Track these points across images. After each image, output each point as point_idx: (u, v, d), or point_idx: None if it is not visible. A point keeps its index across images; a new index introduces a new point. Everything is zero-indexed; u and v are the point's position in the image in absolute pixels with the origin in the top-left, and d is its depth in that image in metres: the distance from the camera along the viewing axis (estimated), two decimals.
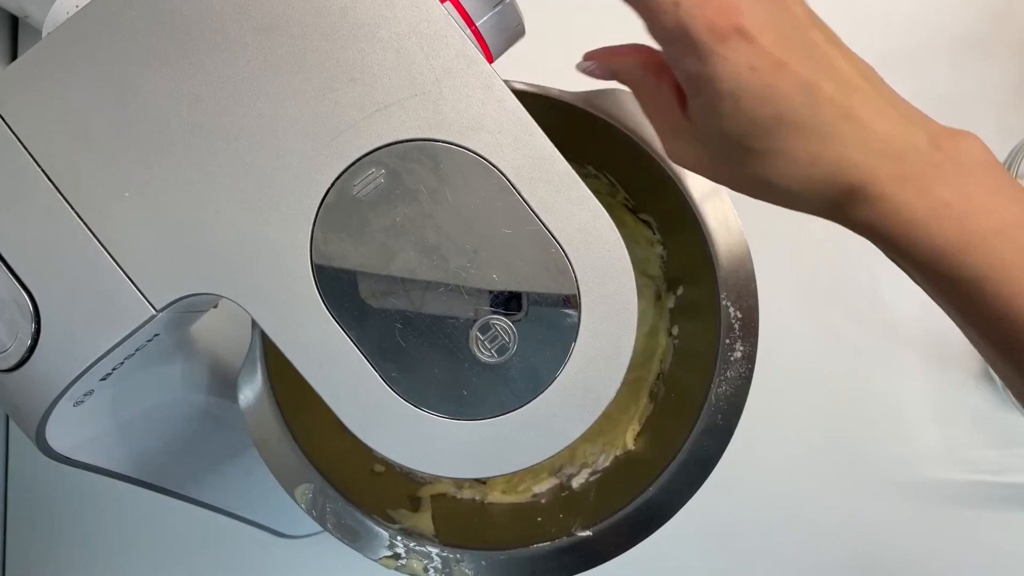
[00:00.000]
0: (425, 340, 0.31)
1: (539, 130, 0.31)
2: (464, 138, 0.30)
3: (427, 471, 0.31)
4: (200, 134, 0.30)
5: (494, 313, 0.30)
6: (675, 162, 0.33)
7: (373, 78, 0.30)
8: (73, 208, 0.30)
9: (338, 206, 0.30)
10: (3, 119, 0.30)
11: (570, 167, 0.31)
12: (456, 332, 0.31)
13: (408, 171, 0.30)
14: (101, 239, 0.30)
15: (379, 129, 0.30)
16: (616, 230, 0.31)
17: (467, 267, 0.30)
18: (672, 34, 0.28)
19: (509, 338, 0.31)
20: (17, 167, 0.30)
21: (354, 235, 0.30)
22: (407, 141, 0.30)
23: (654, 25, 0.29)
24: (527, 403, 0.31)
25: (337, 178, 0.30)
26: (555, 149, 0.31)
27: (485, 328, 0.30)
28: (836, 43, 0.30)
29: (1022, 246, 0.27)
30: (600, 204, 0.31)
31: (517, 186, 0.30)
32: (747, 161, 0.29)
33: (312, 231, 0.30)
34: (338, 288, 0.30)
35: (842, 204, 0.29)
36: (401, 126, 0.30)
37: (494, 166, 0.30)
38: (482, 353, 0.31)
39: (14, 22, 0.65)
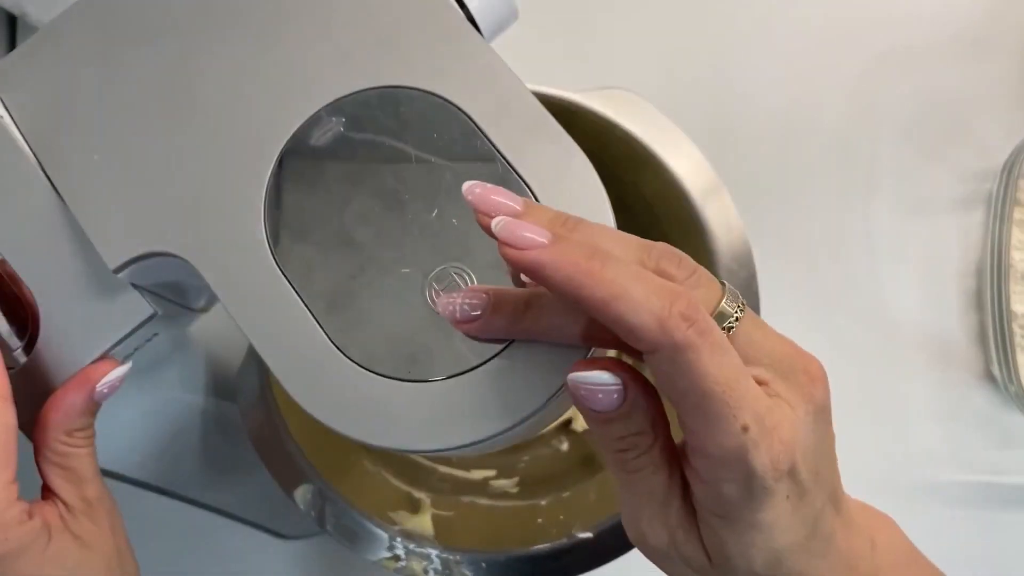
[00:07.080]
0: (377, 293, 0.28)
1: (509, 71, 0.29)
2: (429, 83, 0.29)
3: (375, 443, 0.27)
4: (162, 94, 0.29)
5: (451, 261, 0.28)
6: (645, 550, 0.30)
7: (334, 27, 0.29)
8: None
9: (295, 157, 0.29)
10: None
11: (542, 106, 0.29)
12: (410, 283, 0.28)
13: (369, 119, 0.29)
14: (64, 196, 0.30)
15: (339, 78, 0.29)
16: (592, 168, 0.28)
17: (424, 212, 0.28)
18: (728, 460, 0.26)
19: (467, 286, 0.28)
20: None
21: (310, 186, 0.29)
22: (368, 90, 0.29)
23: (709, 446, 0.27)
24: (488, 360, 0.27)
25: (297, 129, 0.29)
26: (527, 89, 0.29)
27: (441, 277, 0.28)
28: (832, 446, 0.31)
29: None
30: (575, 143, 0.28)
31: (484, 128, 0.29)
32: None
33: (267, 183, 0.29)
34: (289, 241, 0.29)
35: None
36: (362, 74, 0.29)
37: (460, 109, 0.29)
38: (437, 304, 0.27)
39: (12, 21, 0.64)
